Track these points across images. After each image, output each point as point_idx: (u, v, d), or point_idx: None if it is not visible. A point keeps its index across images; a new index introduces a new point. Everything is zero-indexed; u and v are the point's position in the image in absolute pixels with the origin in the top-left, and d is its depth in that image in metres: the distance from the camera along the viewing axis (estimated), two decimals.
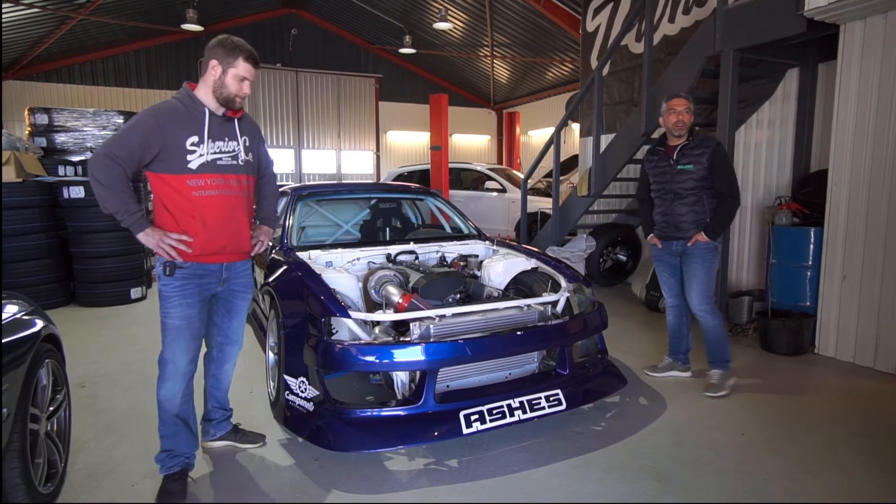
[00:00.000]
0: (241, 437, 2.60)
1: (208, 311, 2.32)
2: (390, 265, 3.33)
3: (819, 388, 3.35)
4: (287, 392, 2.57)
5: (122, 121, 7.06)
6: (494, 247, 3.78)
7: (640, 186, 3.55)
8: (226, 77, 2.12)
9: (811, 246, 4.03)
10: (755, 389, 3.29)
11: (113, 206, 2.00)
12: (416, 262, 3.47)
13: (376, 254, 3.47)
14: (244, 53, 2.13)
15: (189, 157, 2.09)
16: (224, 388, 2.55)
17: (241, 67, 2.13)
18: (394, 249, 3.52)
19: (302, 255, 3.27)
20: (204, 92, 2.16)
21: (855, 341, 3.72)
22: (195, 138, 2.09)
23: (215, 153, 2.14)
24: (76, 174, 6.03)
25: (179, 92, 2.18)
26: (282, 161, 13.74)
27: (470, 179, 9.40)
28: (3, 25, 9.19)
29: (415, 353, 2.36)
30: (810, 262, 4.05)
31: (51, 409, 2.17)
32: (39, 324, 2.10)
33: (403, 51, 12.57)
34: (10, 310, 2.04)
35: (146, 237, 2.07)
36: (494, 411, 2.44)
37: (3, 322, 1.90)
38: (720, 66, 4.23)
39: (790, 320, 3.91)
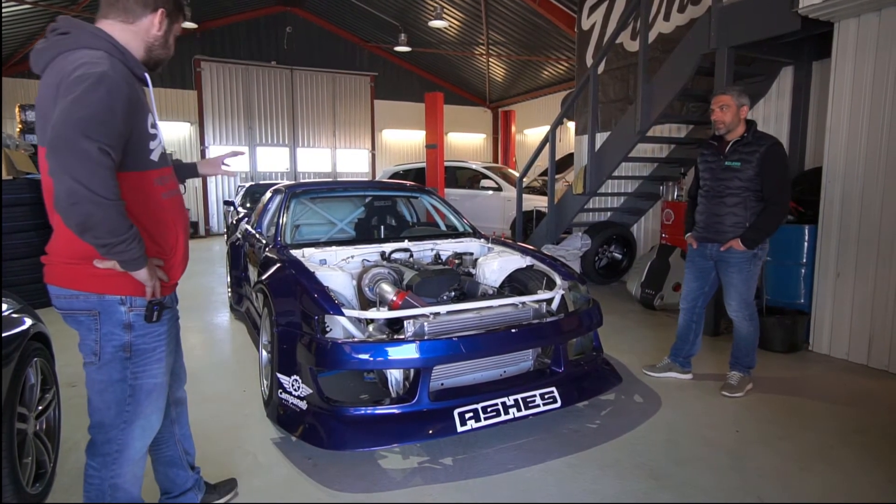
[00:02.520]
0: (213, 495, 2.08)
1: None
2: (384, 263, 3.31)
3: (813, 385, 3.36)
4: (280, 391, 2.55)
5: None
6: (489, 244, 3.77)
7: (692, 182, 3.38)
8: (170, 35, 1.62)
9: (805, 244, 4.04)
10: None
11: (113, 228, 1.34)
12: (411, 259, 3.45)
13: (371, 251, 3.45)
14: (183, 7, 1.67)
15: (151, 145, 1.54)
16: (193, 446, 2.01)
17: (181, 23, 1.67)
18: (388, 247, 3.50)
19: (296, 252, 3.25)
20: (136, 47, 1.54)
21: (849, 338, 3.73)
22: (150, 117, 1.54)
23: (161, 138, 1.61)
24: None
25: (101, 40, 1.45)
26: (277, 159, 13.71)
27: (465, 178, 9.39)
28: None
29: (409, 351, 2.34)
30: (804, 260, 4.06)
31: (39, 408, 2.14)
32: (28, 322, 2.08)
33: (399, 49, 12.53)
34: None
35: (149, 274, 1.48)
36: (489, 409, 2.43)
37: None
38: (715, 63, 4.22)
39: (785, 318, 3.92)
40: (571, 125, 9.18)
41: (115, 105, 1.36)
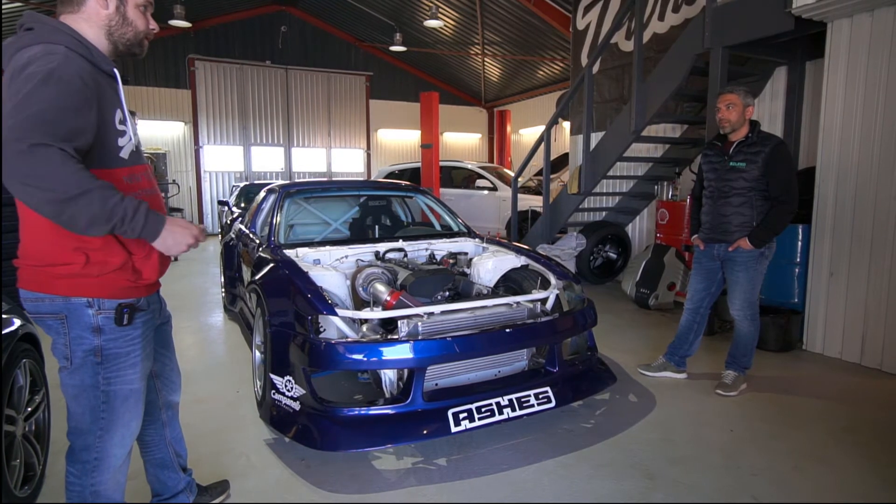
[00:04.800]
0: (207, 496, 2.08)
1: None
2: (379, 263, 3.30)
3: (807, 383, 3.36)
4: (273, 391, 2.53)
5: None
6: (484, 244, 3.76)
7: (696, 183, 3.37)
8: (126, 8, 1.47)
9: (799, 243, 4.06)
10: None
11: (95, 213, 1.26)
12: (405, 259, 3.44)
13: (365, 251, 3.44)
14: None
15: (120, 142, 1.44)
16: (185, 448, 1.97)
17: None
18: (382, 247, 3.49)
19: (289, 252, 3.23)
20: (95, 37, 1.44)
21: (842, 337, 3.74)
22: (119, 113, 1.45)
23: (134, 134, 1.53)
24: None
25: (62, 34, 1.37)
26: (272, 159, 13.67)
27: (461, 178, 9.38)
28: None
29: (403, 351, 2.33)
30: (798, 259, 4.07)
31: (28, 410, 2.12)
32: (16, 322, 2.05)
33: (394, 48, 12.51)
34: None
35: (174, 232, 1.40)
36: (483, 409, 2.42)
37: None
38: (709, 63, 4.24)
39: (779, 317, 3.93)
40: (566, 125, 9.18)
41: (63, 102, 1.27)
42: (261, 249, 3.43)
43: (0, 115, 1.25)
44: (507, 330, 2.55)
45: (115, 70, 1.47)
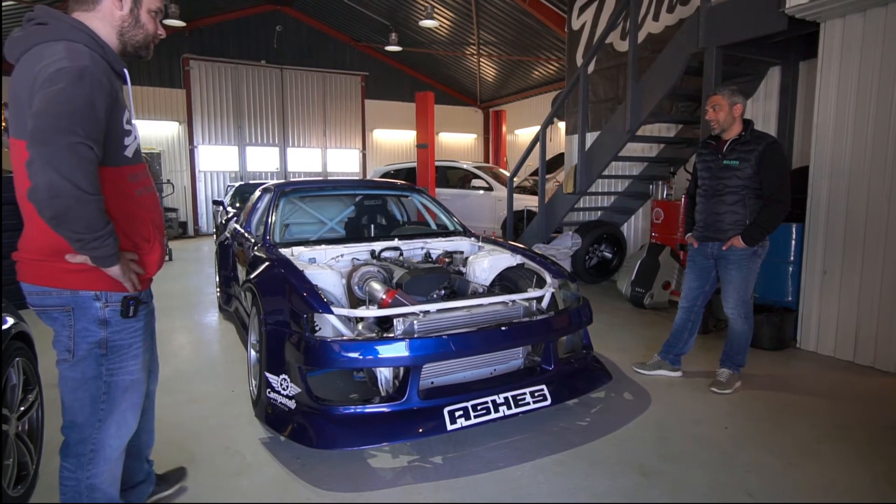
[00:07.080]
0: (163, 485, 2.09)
1: None
2: (374, 261, 3.30)
3: (801, 381, 3.38)
4: (268, 390, 2.52)
5: None
6: (480, 243, 3.76)
7: (690, 182, 3.39)
8: (140, 11, 1.52)
9: (793, 242, 4.08)
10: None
11: (91, 223, 1.32)
12: (401, 258, 3.44)
13: (360, 250, 3.44)
14: None
15: (126, 141, 1.50)
16: (153, 438, 1.99)
17: None
18: (378, 246, 3.49)
19: (285, 251, 3.23)
20: (107, 37, 1.48)
21: (835, 335, 3.76)
22: (127, 112, 1.50)
23: (137, 134, 1.58)
24: None
25: (80, 32, 1.41)
26: (267, 159, 13.63)
27: (456, 178, 9.38)
28: None
29: (398, 350, 2.33)
30: (792, 258, 4.10)
31: (22, 409, 2.10)
32: (9, 321, 2.04)
33: (390, 48, 12.51)
34: None
35: (122, 270, 1.45)
36: (479, 407, 2.42)
37: None
38: (703, 63, 4.26)
39: (773, 315, 3.95)
40: (562, 125, 9.19)
41: (96, 100, 1.33)
42: (256, 248, 3.42)
43: (6, 107, 1.33)
44: (503, 328, 2.56)
45: (125, 70, 1.51)
